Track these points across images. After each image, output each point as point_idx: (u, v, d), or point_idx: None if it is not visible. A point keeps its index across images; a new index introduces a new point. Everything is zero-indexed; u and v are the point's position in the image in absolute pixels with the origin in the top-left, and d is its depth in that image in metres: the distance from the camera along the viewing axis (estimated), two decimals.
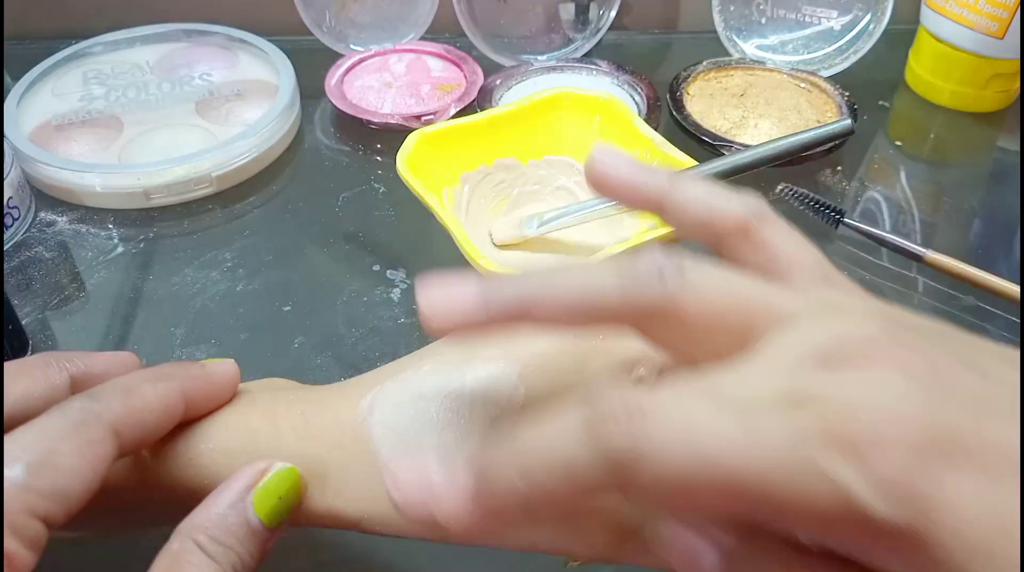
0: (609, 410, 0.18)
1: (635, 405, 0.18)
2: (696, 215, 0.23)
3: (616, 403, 0.18)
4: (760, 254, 0.22)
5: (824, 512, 0.17)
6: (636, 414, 0.18)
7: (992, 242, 0.52)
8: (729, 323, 0.20)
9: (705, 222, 0.23)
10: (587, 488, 0.18)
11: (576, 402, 0.19)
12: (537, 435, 0.19)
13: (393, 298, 0.45)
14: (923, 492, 0.17)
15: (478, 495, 0.19)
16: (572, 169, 0.49)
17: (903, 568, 0.17)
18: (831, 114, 0.57)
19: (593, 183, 0.25)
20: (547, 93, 0.50)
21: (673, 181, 0.24)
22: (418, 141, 0.45)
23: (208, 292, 0.46)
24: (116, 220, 0.50)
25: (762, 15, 0.62)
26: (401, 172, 0.43)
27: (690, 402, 0.18)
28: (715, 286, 0.20)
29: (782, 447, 0.17)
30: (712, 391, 0.18)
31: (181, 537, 0.22)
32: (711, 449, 0.17)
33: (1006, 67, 0.57)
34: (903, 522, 0.17)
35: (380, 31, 0.62)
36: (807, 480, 0.17)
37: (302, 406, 0.27)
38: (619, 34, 0.69)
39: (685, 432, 0.17)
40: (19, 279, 0.46)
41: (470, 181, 0.48)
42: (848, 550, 0.18)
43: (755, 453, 0.17)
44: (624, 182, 0.24)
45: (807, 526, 0.18)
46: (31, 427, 0.22)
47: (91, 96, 0.57)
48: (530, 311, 0.21)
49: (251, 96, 0.58)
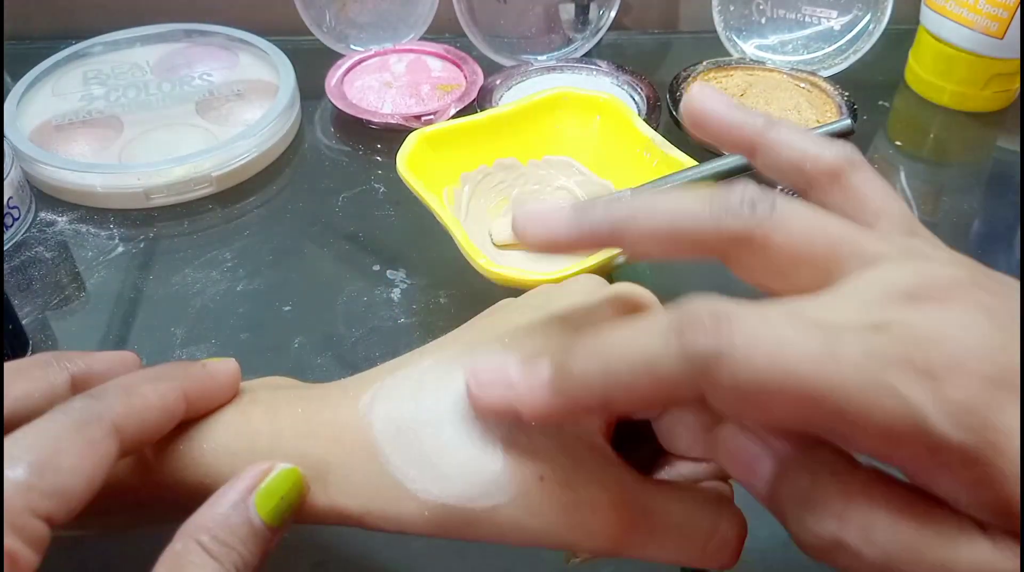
0: (696, 314, 0.19)
1: (722, 311, 0.19)
2: (790, 158, 0.24)
3: (703, 309, 0.19)
4: (849, 200, 0.23)
5: (892, 429, 0.18)
6: (723, 319, 0.18)
7: (992, 242, 0.52)
8: (815, 257, 0.21)
9: (798, 166, 0.24)
10: (667, 385, 0.19)
11: (664, 310, 0.20)
12: (623, 333, 0.20)
13: (393, 298, 0.45)
14: (990, 421, 0.18)
15: (558, 385, 0.21)
16: (572, 169, 0.49)
17: (954, 488, 0.19)
18: (831, 114, 0.57)
19: (690, 121, 0.26)
20: (547, 93, 0.50)
21: (769, 124, 0.24)
22: (418, 141, 0.45)
23: (208, 292, 0.46)
24: (116, 220, 0.50)
25: (762, 15, 0.62)
26: (401, 172, 0.43)
27: (774, 317, 0.19)
28: (804, 220, 0.21)
29: (860, 364, 0.18)
30: (796, 311, 0.19)
31: (184, 537, 0.22)
32: (791, 358, 0.18)
33: (1006, 67, 0.57)
34: (968, 445, 0.18)
35: (380, 31, 0.62)
36: (881, 397, 0.18)
37: (303, 404, 0.27)
38: (619, 34, 0.69)
39: (767, 340, 0.18)
40: (19, 279, 0.46)
41: (470, 181, 0.48)
42: (906, 467, 0.19)
43: (833, 366, 0.18)
44: (722, 121, 0.25)
45: (872, 442, 0.19)
46: (32, 427, 0.22)
47: (91, 96, 0.57)
48: (621, 234, 0.22)
49: (251, 96, 0.58)
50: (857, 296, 0.20)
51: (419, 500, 0.24)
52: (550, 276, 0.38)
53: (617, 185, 0.47)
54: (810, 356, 0.18)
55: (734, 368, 0.18)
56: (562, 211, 0.23)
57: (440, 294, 0.45)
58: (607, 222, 0.22)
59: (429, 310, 0.45)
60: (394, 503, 0.25)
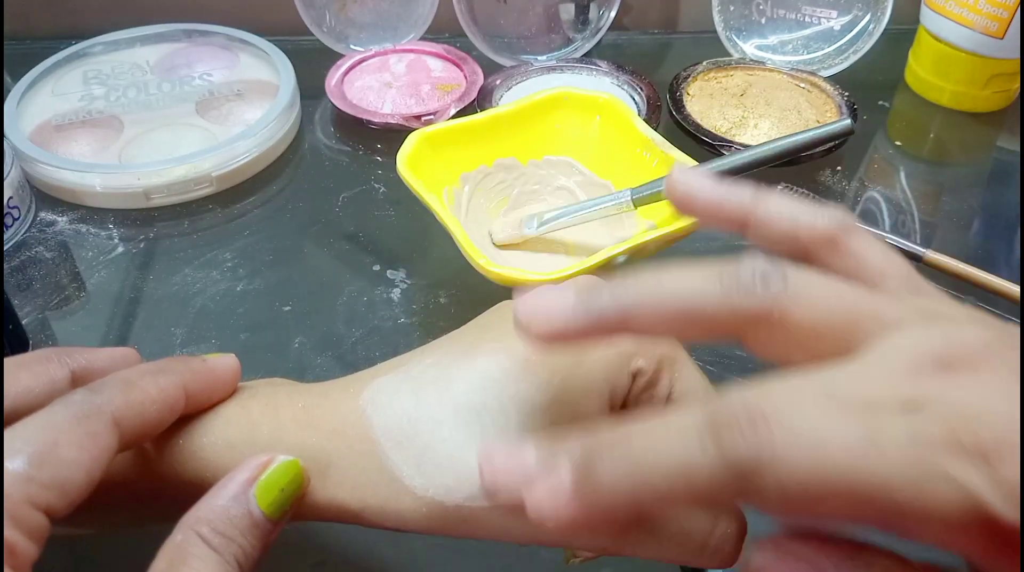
0: (732, 414, 0.18)
1: (757, 408, 0.18)
2: (783, 230, 0.23)
3: (738, 405, 0.18)
4: (851, 265, 0.23)
5: (951, 517, 0.17)
6: (760, 420, 0.17)
7: (992, 242, 0.52)
8: (835, 328, 0.20)
9: (793, 236, 0.23)
10: (705, 493, 0.18)
11: (691, 403, 0.19)
12: (653, 434, 0.19)
13: (393, 298, 0.45)
14: None
15: (582, 492, 0.19)
16: (572, 169, 0.49)
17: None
18: (831, 114, 0.57)
19: (676, 203, 0.25)
20: (547, 93, 0.50)
21: (757, 198, 0.24)
22: (418, 141, 0.45)
23: (208, 292, 0.46)
24: (116, 220, 0.50)
25: (762, 15, 0.62)
26: (401, 172, 0.43)
27: (809, 405, 0.18)
28: (820, 291, 0.20)
29: (907, 452, 0.17)
30: (828, 391, 0.18)
31: (184, 529, 0.22)
32: (836, 456, 0.17)
33: (1006, 67, 0.57)
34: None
35: (380, 31, 0.62)
36: (933, 485, 0.17)
37: (303, 398, 0.27)
38: (619, 34, 0.69)
39: (808, 438, 0.17)
40: (19, 279, 0.46)
41: (470, 181, 0.48)
42: (970, 554, 0.18)
43: (879, 459, 0.17)
44: (708, 200, 0.24)
45: (932, 531, 0.18)
46: (32, 420, 0.22)
47: (91, 96, 0.57)
48: (630, 320, 0.21)
49: (251, 96, 0.58)
50: (887, 366, 0.19)
51: (417, 497, 0.25)
52: (550, 276, 0.38)
53: (617, 185, 0.47)
54: (854, 450, 0.17)
55: (778, 474, 0.17)
56: (566, 300, 0.21)
57: (440, 294, 0.45)
58: (615, 309, 0.21)
59: (429, 310, 0.45)
60: (392, 499, 0.25)
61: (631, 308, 0.21)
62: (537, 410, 0.25)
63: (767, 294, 0.20)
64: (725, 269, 0.21)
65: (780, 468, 0.17)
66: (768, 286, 0.20)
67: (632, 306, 0.21)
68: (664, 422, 0.19)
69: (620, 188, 0.47)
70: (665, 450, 0.18)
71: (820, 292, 0.20)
